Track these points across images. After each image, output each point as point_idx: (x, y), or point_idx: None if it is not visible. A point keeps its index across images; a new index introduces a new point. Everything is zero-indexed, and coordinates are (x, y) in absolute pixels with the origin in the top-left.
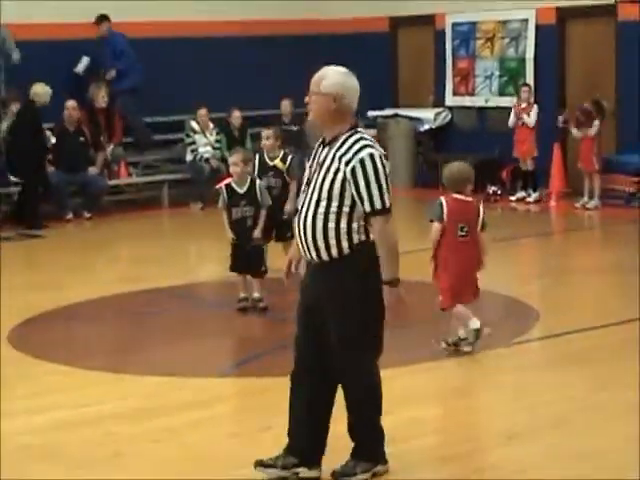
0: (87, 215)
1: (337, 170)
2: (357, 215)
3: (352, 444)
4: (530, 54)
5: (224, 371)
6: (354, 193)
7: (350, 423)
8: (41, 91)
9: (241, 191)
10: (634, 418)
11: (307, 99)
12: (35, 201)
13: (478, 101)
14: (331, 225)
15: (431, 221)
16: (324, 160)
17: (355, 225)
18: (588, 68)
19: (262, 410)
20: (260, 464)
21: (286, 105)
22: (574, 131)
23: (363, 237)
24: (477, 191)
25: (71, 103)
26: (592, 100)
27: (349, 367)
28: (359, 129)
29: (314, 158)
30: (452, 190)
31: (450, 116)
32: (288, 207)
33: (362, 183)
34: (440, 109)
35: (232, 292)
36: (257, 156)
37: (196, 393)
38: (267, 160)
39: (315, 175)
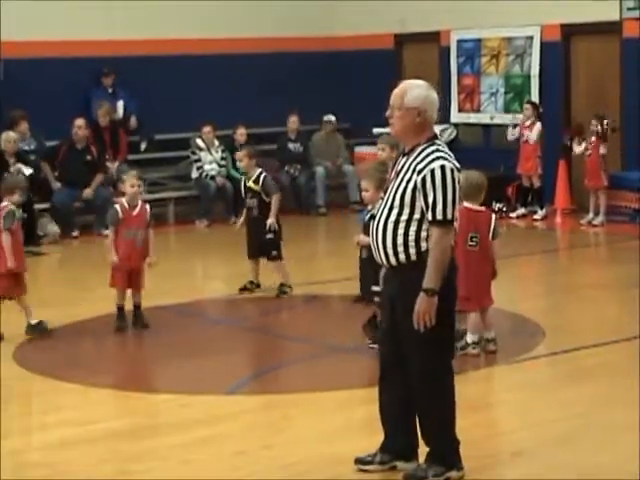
0: (105, 232)
1: (410, 179)
2: (426, 224)
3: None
4: (535, 71)
5: (230, 389)
6: (422, 201)
7: (421, 425)
8: (4, 138)
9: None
10: (637, 435)
11: (388, 113)
12: (31, 219)
13: (483, 118)
14: (400, 232)
15: None
16: (401, 169)
17: (424, 234)
18: (593, 85)
19: (268, 427)
20: (359, 461)
21: (292, 122)
22: (577, 148)
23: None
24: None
25: (79, 122)
26: (597, 117)
27: (417, 369)
28: (437, 141)
29: (393, 167)
30: (465, 199)
31: (455, 133)
32: (270, 221)
33: (430, 192)
34: (445, 125)
35: (238, 309)
36: (243, 178)
37: (202, 411)
38: (246, 181)
39: (392, 183)
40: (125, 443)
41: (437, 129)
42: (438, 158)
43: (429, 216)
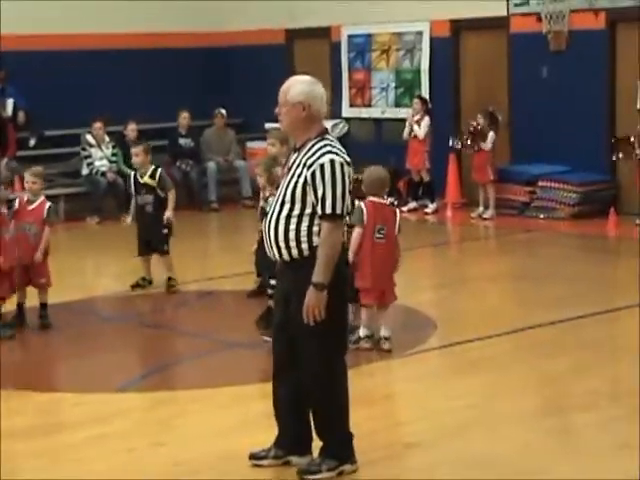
0: None
1: (300, 174)
2: (318, 219)
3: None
4: (425, 66)
5: (122, 386)
6: (312, 196)
7: (314, 420)
8: None
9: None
10: (530, 424)
11: (277, 111)
12: None
13: (374, 112)
14: (292, 227)
15: (351, 226)
16: (292, 164)
17: (316, 229)
18: (482, 79)
19: (160, 424)
20: (253, 457)
21: (183, 117)
22: (483, 145)
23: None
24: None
25: None
26: (486, 112)
27: (309, 364)
28: (328, 136)
29: (286, 164)
30: (370, 193)
31: (347, 127)
32: (167, 214)
33: (319, 187)
34: (337, 120)
35: (131, 306)
36: (132, 174)
37: (94, 409)
38: (139, 177)
39: (284, 179)
40: (14, 443)
41: (329, 124)
42: (328, 152)
43: (319, 210)
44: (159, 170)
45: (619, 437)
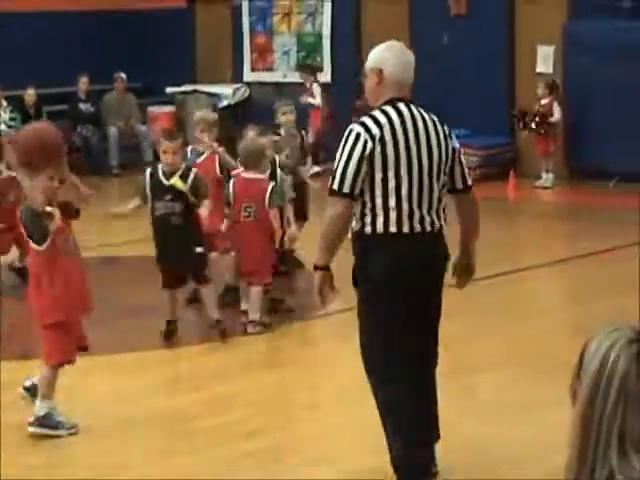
0: None
1: None
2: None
3: None
4: (327, 31)
5: (26, 352)
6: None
7: None
8: None
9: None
10: None
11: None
12: None
13: (276, 77)
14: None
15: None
16: None
17: (368, 229)
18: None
19: (64, 390)
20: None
21: (83, 82)
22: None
23: (369, 229)
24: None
25: None
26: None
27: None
28: (388, 105)
29: None
30: (245, 167)
31: (248, 92)
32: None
33: (336, 158)
34: (238, 85)
35: None
36: (148, 173)
37: None
38: (162, 178)
39: None
40: None
41: (230, 88)
42: (357, 123)
43: (328, 184)
44: (194, 170)
45: (518, 397)
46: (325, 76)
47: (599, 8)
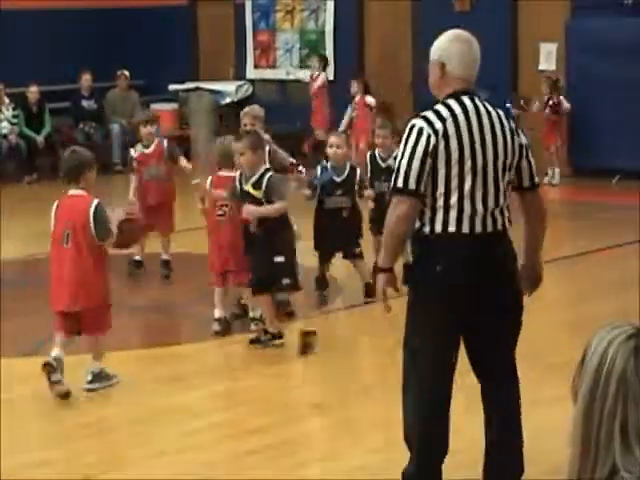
0: None
1: None
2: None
3: None
4: (329, 27)
5: (26, 351)
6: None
7: None
8: None
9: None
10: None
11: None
12: None
13: (279, 74)
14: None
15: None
16: None
17: (427, 229)
18: (386, 42)
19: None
20: None
21: (85, 79)
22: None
23: (427, 228)
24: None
25: None
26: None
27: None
28: (450, 100)
29: None
30: (220, 167)
31: (252, 89)
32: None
33: (399, 154)
34: (241, 82)
35: (35, 270)
36: (237, 177)
37: None
38: (243, 183)
39: None
40: None
41: (233, 85)
42: (418, 117)
43: (391, 182)
44: (268, 175)
45: None
46: (328, 73)
47: (602, 5)
